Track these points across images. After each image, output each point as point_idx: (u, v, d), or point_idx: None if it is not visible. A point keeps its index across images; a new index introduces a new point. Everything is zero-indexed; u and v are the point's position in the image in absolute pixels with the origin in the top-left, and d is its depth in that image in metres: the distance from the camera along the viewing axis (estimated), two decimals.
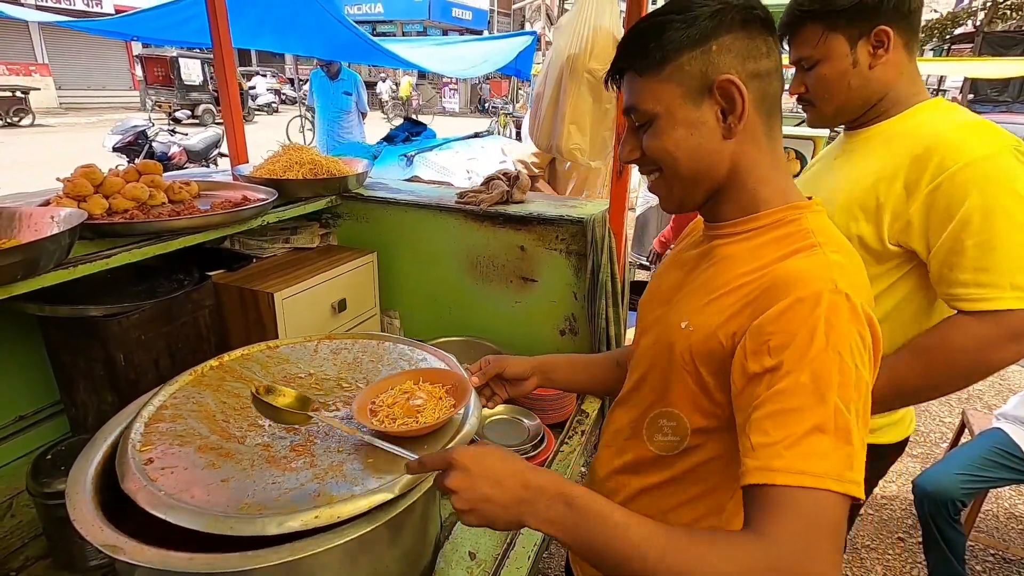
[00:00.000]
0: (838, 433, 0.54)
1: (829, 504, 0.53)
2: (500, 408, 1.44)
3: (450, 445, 0.83)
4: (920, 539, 2.08)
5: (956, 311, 0.99)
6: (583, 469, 1.76)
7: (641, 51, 0.69)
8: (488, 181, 1.72)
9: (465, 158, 4.57)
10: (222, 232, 1.41)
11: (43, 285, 1.03)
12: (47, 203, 1.30)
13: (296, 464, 0.79)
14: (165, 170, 1.64)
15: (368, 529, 0.70)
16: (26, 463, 1.10)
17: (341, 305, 1.61)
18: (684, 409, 0.74)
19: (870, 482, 1.19)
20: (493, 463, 0.63)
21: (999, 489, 2.43)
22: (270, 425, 0.88)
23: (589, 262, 1.50)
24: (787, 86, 0.93)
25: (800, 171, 3.66)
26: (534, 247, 1.62)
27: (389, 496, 0.72)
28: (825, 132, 3.78)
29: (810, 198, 0.74)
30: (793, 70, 1.16)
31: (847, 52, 1.05)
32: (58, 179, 1.37)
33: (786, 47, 1.10)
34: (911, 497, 1.97)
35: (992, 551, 2.27)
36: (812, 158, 3.63)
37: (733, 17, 0.66)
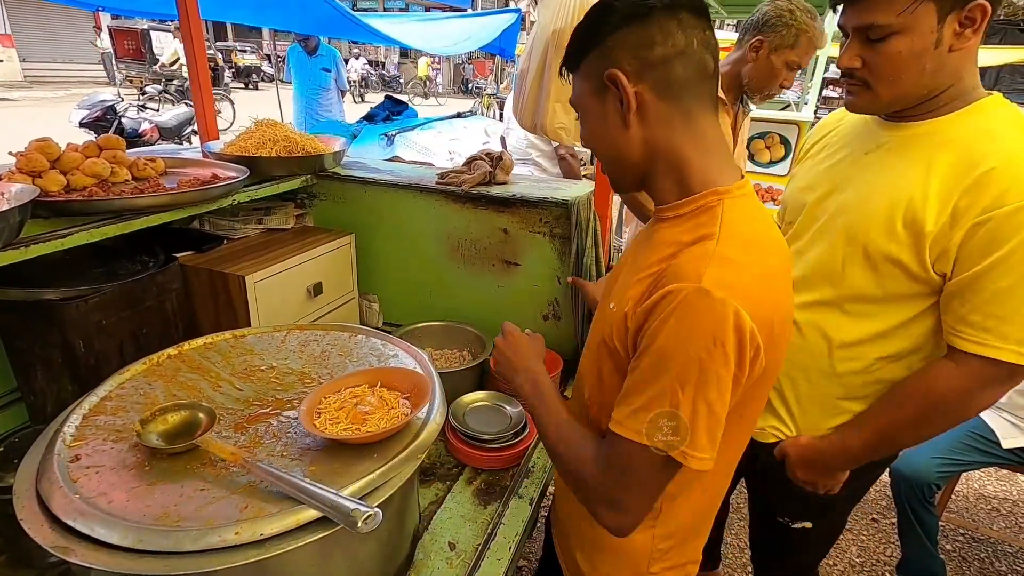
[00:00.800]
0: (660, 406, 0.66)
1: (636, 451, 0.68)
2: (481, 395, 1.41)
3: (404, 453, 0.79)
4: (894, 520, 2.11)
5: (948, 345, 0.94)
6: None
7: (567, 53, 0.77)
8: (470, 162, 1.66)
9: (447, 138, 4.49)
10: (189, 212, 1.34)
11: None
12: None
13: (234, 468, 0.74)
14: (135, 147, 1.55)
15: (337, 527, 0.66)
16: None
17: (317, 289, 1.55)
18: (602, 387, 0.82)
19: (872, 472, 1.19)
20: (523, 343, 0.96)
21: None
22: (216, 422, 0.83)
23: (573, 245, 1.46)
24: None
25: (785, 156, 3.63)
26: (517, 230, 1.58)
27: (314, 516, 0.67)
28: (808, 116, 3.75)
29: (749, 178, 0.78)
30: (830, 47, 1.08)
31: (933, 27, 0.84)
32: (11, 153, 1.28)
33: (837, 9, 0.93)
34: (885, 479, 2.00)
35: (962, 531, 2.33)
36: (797, 143, 3.61)
37: (622, 12, 0.69)
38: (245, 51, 18.43)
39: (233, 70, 16.82)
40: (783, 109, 4.71)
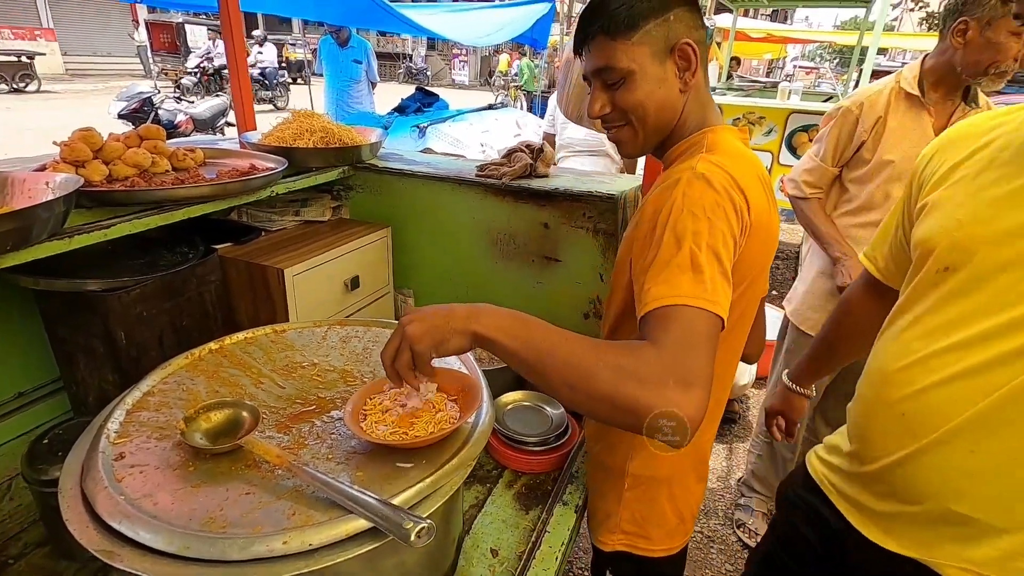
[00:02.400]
0: (693, 268, 0.69)
1: (686, 315, 0.67)
2: (520, 394, 1.37)
3: (454, 461, 0.74)
4: None
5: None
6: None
7: (612, 17, 0.81)
8: (510, 153, 1.61)
9: (479, 130, 4.44)
10: (229, 203, 1.32)
11: (36, 257, 0.95)
12: (43, 168, 1.22)
13: (278, 471, 0.71)
14: (170, 138, 1.54)
15: (388, 539, 0.63)
16: (27, 442, 1.05)
17: (354, 282, 1.53)
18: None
19: None
20: (432, 309, 0.73)
21: None
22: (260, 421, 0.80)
23: (619, 244, 1.40)
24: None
25: None
26: (559, 224, 1.52)
27: (364, 526, 0.63)
28: None
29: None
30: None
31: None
32: (55, 143, 1.28)
33: None
34: None
35: None
36: None
37: None
38: (295, 44, 18.48)
39: (285, 65, 16.73)
40: (826, 101, 4.54)
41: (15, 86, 13.31)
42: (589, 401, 0.64)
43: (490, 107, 5.13)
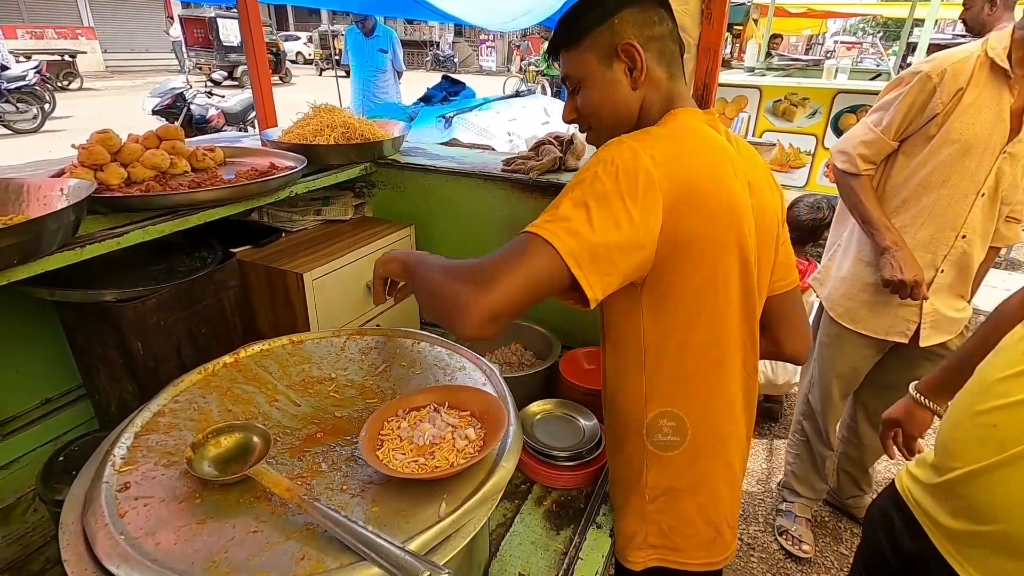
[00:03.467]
0: (553, 208, 0.73)
1: (522, 240, 0.71)
2: (550, 404, 1.29)
3: (478, 496, 0.68)
4: None
5: None
6: None
7: (566, 32, 0.88)
8: (538, 146, 1.53)
9: (506, 119, 4.34)
10: (247, 205, 1.28)
11: (46, 269, 0.91)
12: (61, 173, 1.20)
13: (289, 504, 0.66)
14: (202, 133, 1.51)
15: None
16: (52, 449, 1.03)
17: None
18: None
19: None
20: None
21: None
22: (272, 445, 0.75)
23: None
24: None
25: None
26: None
27: (379, 575, 0.57)
28: None
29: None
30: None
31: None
32: (73, 146, 1.25)
33: None
34: None
35: None
36: None
37: None
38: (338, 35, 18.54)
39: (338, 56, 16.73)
40: (874, 78, 4.26)
41: (60, 84, 13.76)
42: (425, 298, 0.80)
43: (517, 94, 5.01)
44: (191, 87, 7.25)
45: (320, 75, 18.17)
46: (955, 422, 0.90)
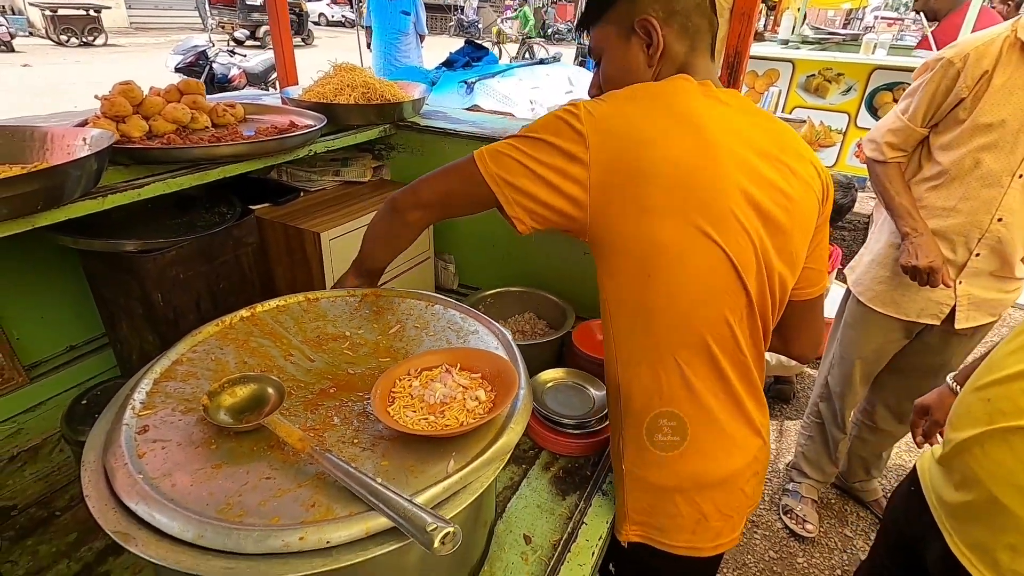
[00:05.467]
0: (503, 144, 0.80)
1: (462, 161, 0.83)
2: (561, 372, 1.30)
3: (486, 455, 0.68)
4: None
5: None
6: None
7: (593, 3, 0.88)
8: None
9: (529, 87, 4.26)
10: (266, 162, 1.28)
11: (68, 217, 0.93)
12: (84, 123, 1.20)
13: (302, 454, 0.67)
14: (223, 91, 1.51)
15: (410, 541, 0.58)
16: (76, 394, 1.06)
17: None
18: None
19: None
20: None
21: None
22: (286, 397, 0.76)
23: None
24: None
25: None
26: None
27: (387, 524, 0.58)
28: None
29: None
30: None
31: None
32: (96, 96, 1.26)
33: None
34: None
35: None
36: None
37: None
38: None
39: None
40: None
41: (84, 39, 13.78)
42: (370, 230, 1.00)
43: (540, 61, 4.90)
44: (213, 45, 7.21)
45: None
46: (961, 397, 0.93)
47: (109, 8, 15.27)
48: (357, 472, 0.62)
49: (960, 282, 1.62)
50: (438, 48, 9.02)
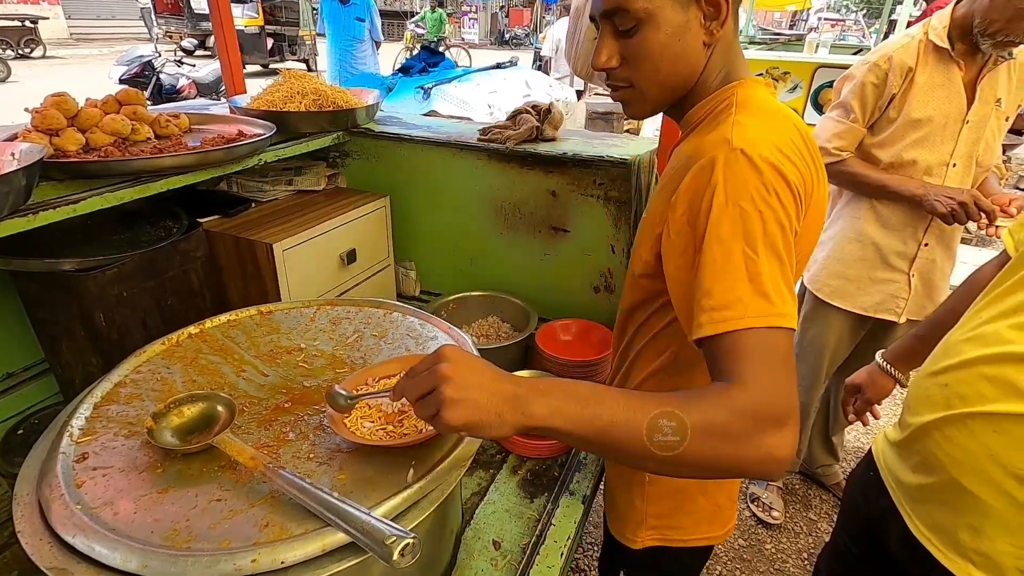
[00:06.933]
0: (752, 278, 0.59)
1: (761, 340, 0.57)
2: (527, 374, 1.29)
3: (445, 463, 0.67)
4: None
5: None
6: None
7: None
8: (515, 115, 1.50)
9: (486, 91, 4.26)
10: (212, 172, 1.24)
11: None
12: (14, 137, 1.14)
13: (254, 472, 0.64)
14: (173, 103, 1.45)
15: (369, 555, 0.56)
16: (15, 424, 1.00)
17: (351, 256, 1.45)
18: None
19: None
20: (481, 363, 0.59)
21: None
22: (239, 414, 0.74)
23: (632, 212, 1.30)
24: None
25: None
26: (567, 192, 1.42)
27: (345, 540, 0.57)
28: None
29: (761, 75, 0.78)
30: None
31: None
32: (26, 109, 1.19)
33: None
34: None
35: None
36: None
37: None
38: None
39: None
40: (856, 53, 4.27)
41: (20, 52, 13.13)
42: (682, 470, 0.57)
43: (498, 66, 4.92)
44: (160, 55, 6.97)
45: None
46: (916, 382, 0.95)
47: (47, 18, 14.60)
48: (312, 488, 0.60)
49: (913, 275, 1.69)
50: (394, 54, 8.92)
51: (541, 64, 8.43)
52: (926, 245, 1.67)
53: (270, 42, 12.69)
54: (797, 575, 1.97)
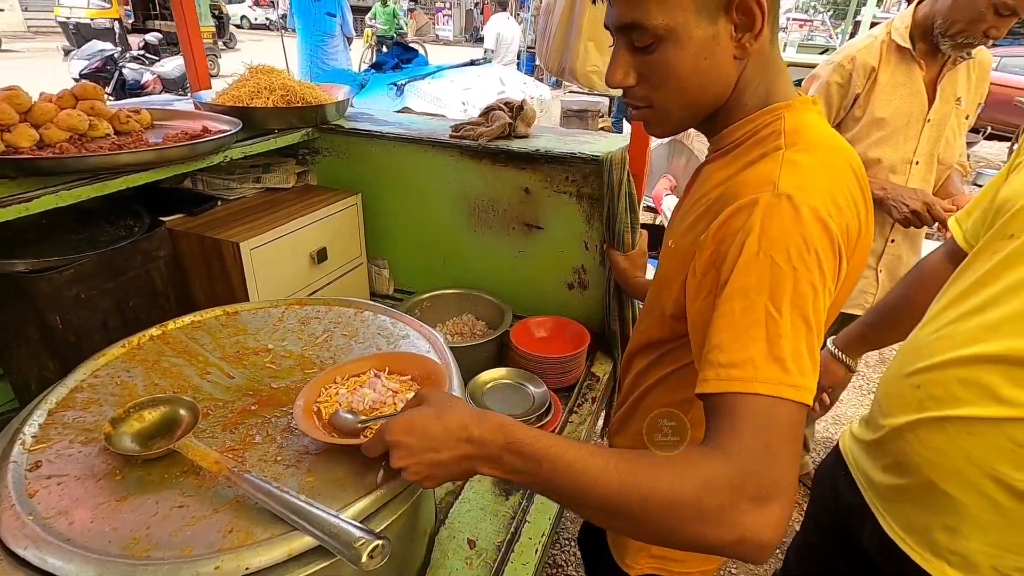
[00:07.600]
0: (771, 341, 0.53)
1: (765, 409, 0.52)
2: (500, 372, 1.29)
3: None
4: None
5: None
6: (597, 440, 1.63)
7: None
8: (487, 112, 1.49)
9: (460, 87, 4.24)
10: (175, 170, 1.20)
11: None
12: None
13: (218, 477, 0.63)
14: (136, 98, 1.40)
15: (337, 558, 0.55)
16: None
17: (321, 255, 1.42)
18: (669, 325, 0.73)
19: None
20: (428, 426, 0.57)
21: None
22: (203, 418, 0.72)
23: (605, 208, 1.30)
24: None
25: None
26: (540, 189, 1.42)
27: (312, 544, 0.56)
28: None
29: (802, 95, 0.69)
30: None
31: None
32: None
33: None
34: None
35: None
36: None
37: None
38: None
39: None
40: (822, 53, 4.36)
41: None
42: (648, 540, 0.55)
43: (472, 63, 4.89)
44: (122, 49, 6.75)
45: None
46: (887, 381, 0.94)
47: (2, 10, 14.02)
48: (279, 491, 0.59)
49: (881, 270, 1.74)
50: (359, 53, 8.72)
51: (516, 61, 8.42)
52: (892, 241, 1.72)
53: (139, 40, 9.12)
54: (767, 565, 2.01)
